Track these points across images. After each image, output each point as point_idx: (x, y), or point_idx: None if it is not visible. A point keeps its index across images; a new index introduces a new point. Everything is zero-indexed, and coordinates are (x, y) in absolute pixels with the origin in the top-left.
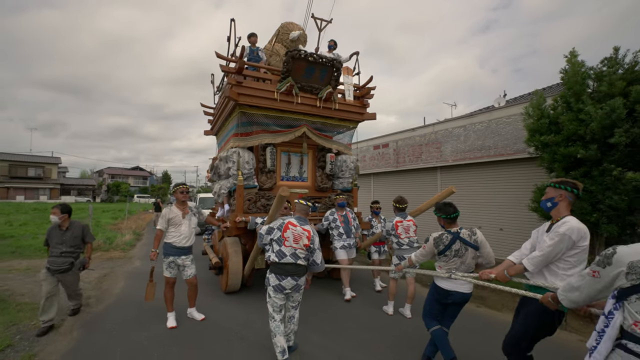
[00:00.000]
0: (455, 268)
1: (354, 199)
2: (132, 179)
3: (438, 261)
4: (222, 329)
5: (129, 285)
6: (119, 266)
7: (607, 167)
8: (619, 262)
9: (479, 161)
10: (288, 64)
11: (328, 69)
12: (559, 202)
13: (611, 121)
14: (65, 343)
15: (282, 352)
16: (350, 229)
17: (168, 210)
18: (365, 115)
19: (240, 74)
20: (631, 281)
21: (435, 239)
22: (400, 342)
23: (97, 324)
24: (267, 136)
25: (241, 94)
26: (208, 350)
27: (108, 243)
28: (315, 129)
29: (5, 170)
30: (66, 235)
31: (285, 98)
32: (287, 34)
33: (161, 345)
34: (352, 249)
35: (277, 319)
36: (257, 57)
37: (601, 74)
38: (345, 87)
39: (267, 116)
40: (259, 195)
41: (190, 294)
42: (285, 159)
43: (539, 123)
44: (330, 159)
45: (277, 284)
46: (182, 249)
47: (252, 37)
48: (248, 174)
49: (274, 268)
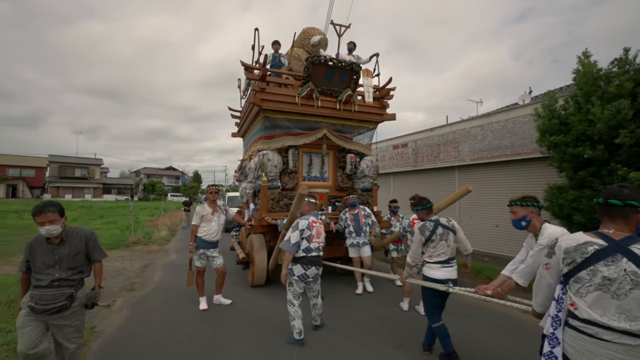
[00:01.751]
0: (444, 253)
1: (374, 198)
2: (166, 179)
3: (427, 250)
4: (247, 312)
5: (167, 274)
6: (157, 258)
7: (614, 167)
8: (559, 250)
9: (496, 160)
10: (308, 69)
11: (347, 72)
12: (532, 218)
13: (617, 122)
14: (117, 318)
15: (299, 333)
16: (361, 227)
17: (201, 207)
18: (384, 116)
19: (264, 80)
20: (567, 266)
21: (420, 228)
22: (409, 336)
23: (142, 305)
24: (289, 139)
25: (264, 99)
26: (234, 327)
27: (147, 238)
28: (336, 130)
29: (55, 171)
30: (60, 252)
31: (306, 102)
32: (308, 39)
33: (194, 322)
34: (363, 248)
35: (295, 305)
36: (280, 63)
37: (610, 74)
38: (365, 89)
39: (289, 119)
40: (281, 195)
41: (219, 281)
42: (307, 159)
43: (550, 123)
44: (350, 160)
45: (302, 273)
46: (211, 242)
47: (275, 44)
48: (273, 177)
49: (300, 259)
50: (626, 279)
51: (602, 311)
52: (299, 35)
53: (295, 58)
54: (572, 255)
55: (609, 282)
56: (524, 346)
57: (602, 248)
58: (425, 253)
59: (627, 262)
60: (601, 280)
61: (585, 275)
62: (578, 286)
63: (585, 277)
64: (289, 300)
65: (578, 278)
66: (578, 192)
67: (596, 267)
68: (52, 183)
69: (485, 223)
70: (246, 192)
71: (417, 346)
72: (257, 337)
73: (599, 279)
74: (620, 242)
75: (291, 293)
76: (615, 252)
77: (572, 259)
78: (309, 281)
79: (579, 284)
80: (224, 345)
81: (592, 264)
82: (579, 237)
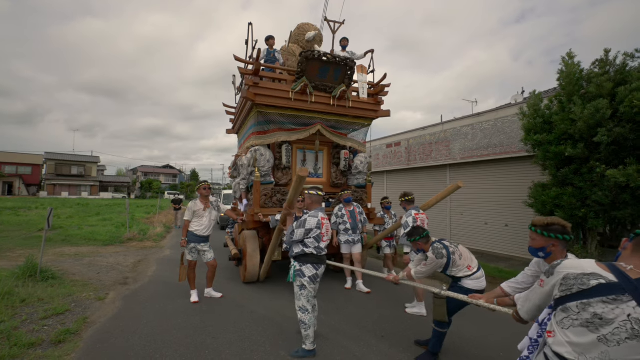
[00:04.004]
0: (470, 258)
1: (368, 195)
2: (163, 177)
3: (453, 271)
4: (237, 304)
5: (160, 269)
6: (151, 254)
7: (594, 165)
8: (559, 273)
9: (486, 159)
10: (302, 64)
11: (342, 68)
12: (552, 251)
13: (596, 121)
14: (110, 310)
15: (312, 343)
16: (357, 224)
17: (193, 203)
18: (379, 112)
19: (257, 75)
20: (560, 292)
21: (435, 253)
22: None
23: (135, 297)
24: (283, 134)
25: (258, 94)
26: (223, 318)
27: (142, 234)
28: (330, 126)
29: (52, 168)
30: None
31: (300, 97)
32: (303, 35)
33: (185, 314)
34: (356, 245)
35: (310, 311)
36: (274, 58)
37: (591, 75)
38: (360, 85)
39: (282, 115)
40: (274, 191)
41: (209, 275)
42: (301, 156)
43: (534, 122)
44: (344, 156)
45: (314, 274)
46: (202, 237)
47: (270, 39)
48: (266, 172)
49: (310, 259)
50: (626, 326)
51: (582, 351)
52: (294, 31)
53: (290, 54)
54: (569, 284)
55: (600, 321)
56: None
57: (608, 283)
58: (454, 273)
59: (635, 308)
60: (590, 316)
61: (574, 307)
62: (563, 316)
63: (573, 309)
64: (302, 307)
65: (566, 308)
66: (560, 189)
67: (590, 301)
68: (48, 180)
69: (475, 221)
70: (239, 188)
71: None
72: (246, 328)
73: (588, 315)
74: (637, 281)
75: (305, 297)
76: (624, 292)
77: (568, 287)
78: (318, 280)
79: (564, 314)
80: (213, 336)
81: (586, 298)
82: (586, 267)
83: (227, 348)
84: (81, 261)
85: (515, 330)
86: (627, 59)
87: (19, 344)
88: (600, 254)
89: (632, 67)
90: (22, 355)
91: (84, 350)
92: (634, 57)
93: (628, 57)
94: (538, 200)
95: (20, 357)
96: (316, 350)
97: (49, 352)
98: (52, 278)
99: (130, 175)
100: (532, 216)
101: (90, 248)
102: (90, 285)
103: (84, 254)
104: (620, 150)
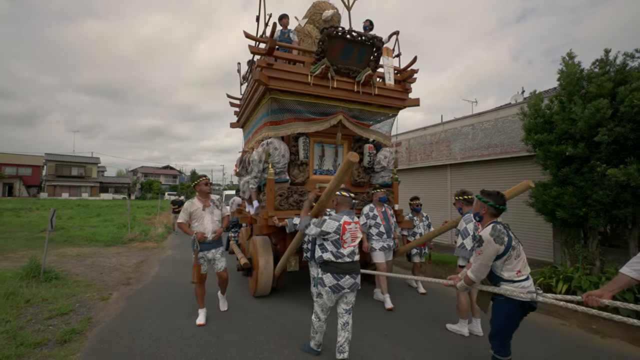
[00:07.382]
0: (524, 263)
1: (395, 195)
2: (163, 178)
3: (505, 266)
4: (240, 304)
5: (162, 269)
6: (153, 254)
7: (594, 164)
8: None
9: (486, 159)
10: (324, 43)
11: (368, 48)
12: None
13: (596, 120)
14: (114, 310)
15: (318, 346)
16: (391, 227)
17: (189, 203)
18: (407, 102)
19: (271, 55)
20: None
21: (493, 234)
22: None
23: (138, 297)
24: (300, 124)
25: (272, 77)
26: (226, 318)
27: (144, 235)
28: (352, 116)
29: (52, 169)
30: None
31: (320, 82)
32: (319, 14)
33: (189, 313)
34: (390, 251)
35: (322, 319)
36: (289, 39)
37: (591, 75)
38: (386, 70)
39: (300, 102)
40: (291, 191)
41: (222, 287)
42: (319, 150)
43: (535, 122)
44: (368, 150)
45: (334, 284)
46: (209, 242)
47: (283, 18)
48: (281, 169)
49: (329, 267)
50: None
51: None
52: (309, 10)
53: (306, 35)
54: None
55: None
56: None
57: None
58: (503, 269)
59: None
60: None
61: None
62: None
63: None
64: (315, 312)
65: None
66: (561, 188)
67: None
68: (49, 182)
69: None
70: (249, 187)
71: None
72: (250, 327)
73: None
74: None
75: (319, 306)
76: None
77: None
78: (344, 292)
79: None
80: (217, 335)
81: None
82: None
83: (231, 347)
84: (84, 262)
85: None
86: (627, 59)
87: (25, 344)
88: (601, 253)
89: (632, 67)
90: (29, 354)
91: (89, 349)
92: (634, 57)
93: (628, 57)
94: (539, 200)
95: (27, 356)
96: (321, 352)
97: (55, 351)
98: (56, 278)
99: (131, 176)
100: (533, 216)
101: (92, 249)
102: (94, 285)
103: (86, 254)
104: (621, 150)
